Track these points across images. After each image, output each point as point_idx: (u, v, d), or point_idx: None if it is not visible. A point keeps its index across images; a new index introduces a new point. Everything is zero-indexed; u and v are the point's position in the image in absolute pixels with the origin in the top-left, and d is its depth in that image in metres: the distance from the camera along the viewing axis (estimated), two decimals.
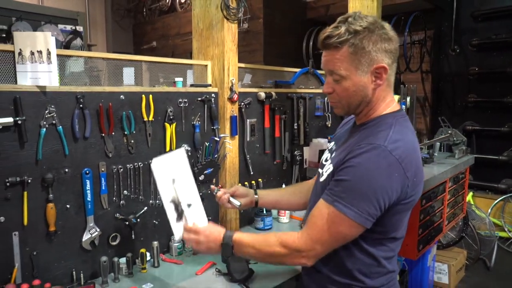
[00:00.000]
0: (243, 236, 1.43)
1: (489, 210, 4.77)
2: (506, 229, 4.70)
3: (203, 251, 1.48)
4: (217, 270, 1.83)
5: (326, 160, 1.48)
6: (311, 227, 1.30)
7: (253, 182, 2.50)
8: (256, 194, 1.77)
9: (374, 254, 1.33)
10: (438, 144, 3.41)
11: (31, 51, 1.50)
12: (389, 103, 1.35)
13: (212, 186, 1.77)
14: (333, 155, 1.43)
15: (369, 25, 1.24)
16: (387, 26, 1.28)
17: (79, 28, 3.94)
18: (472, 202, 4.82)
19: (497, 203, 4.79)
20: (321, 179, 1.42)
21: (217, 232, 1.46)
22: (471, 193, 4.94)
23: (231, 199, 1.72)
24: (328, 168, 1.39)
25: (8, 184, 1.47)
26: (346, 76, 1.27)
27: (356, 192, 1.21)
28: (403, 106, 3.44)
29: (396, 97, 3.78)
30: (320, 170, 1.50)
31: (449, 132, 3.25)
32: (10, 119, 1.45)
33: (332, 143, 1.56)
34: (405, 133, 1.29)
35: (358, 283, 1.35)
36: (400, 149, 1.21)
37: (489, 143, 5.14)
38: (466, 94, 5.35)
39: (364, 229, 1.25)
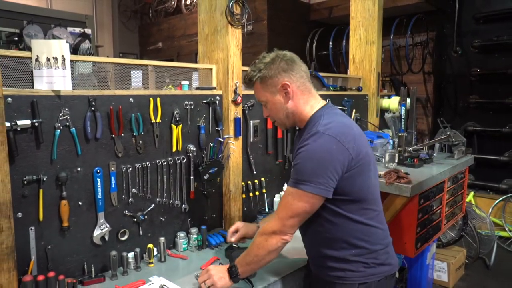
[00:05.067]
0: (239, 257, 1.68)
1: (490, 210, 4.82)
2: (506, 229, 4.76)
3: (216, 281, 1.65)
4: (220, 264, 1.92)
5: None
6: (278, 209, 1.59)
7: (256, 181, 2.59)
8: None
9: (363, 221, 1.58)
10: (437, 144, 3.47)
11: (47, 57, 1.59)
12: (314, 105, 1.65)
13: (231, 239, 1.98)
14: None
15: (270, 60, 1.62)
16: (285, 53, 1.65)
17: (88, 31, 4.04)
18: (473, 202, 4.87)
19: (497, 203, 4.83)
20: None
21: (222, 267, 1.70)
22: (472, 193, 5.00)
23: None
24: None
25: (25, 182, 1.58)
26: (266, 100, 1.66)
27: (306, 169, 1.48)
28: (403, 108, 3.51)
29: (397, 98, 3.85)
30: None
31: (448, 133, 3.31)
32: (28, 121, 1.54)
33: None
34: (334, 117, 1.59)
35: (361, 250, 1.58)
36: (331, 128, 1.50)
37: (491, 144, 5.18)
38: (468, 95, 5.39)
39: (323, 199, 1.51)
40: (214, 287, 1.64)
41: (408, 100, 3.59)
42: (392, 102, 3.89)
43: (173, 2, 7.86)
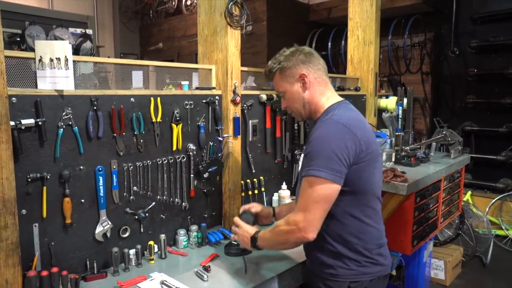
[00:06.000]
0: (265, 231, 1.75)
1: (487, 209, 4.87)
2: (503, 227, 4.80)
3: (240, 240, 1.85)
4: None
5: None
6: (299, 201, 1.58)
7: (255, 179, 2.63)
8: (274, 212, 2.08)
9: (360, 218, 1.63)
10: (434, 144, 3.51)
11: (50, 58, 1.63)
12: (330, 97, 1.73)
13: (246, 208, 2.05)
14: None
15: (289, 53, 1.72)
16: (304, 47, 1.76)
17: (89, 31, 4.07)
18: (470, 201, 4.92)
19: (494, 202, 4.88)
20: (299, 169, 1.75)
21: (251, 229, 1.81)
22: (469, 192, 5.05)
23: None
24: (300, 159, 1.73)
25: (29, 179, 1.61)
26: (285, 91, 1.76)
27: (320, 156, 1.51)
28: (400, 108, 3.55)
29: (394, 98, 3.89)
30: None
31: (444, 132, 3.36)
32: (31, 121, 1.58)
33: None
34: (349, 111, 1.67)
35: (354, 247, 1.63)
36: (344, 119, 1.57)
37: (488, 143, 5.23)
38: (465, 95, 5.45)
39: (339, 187, 1.52)
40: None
41: (405, 100, 3.63)
42: (390, 102, 3.93)
43: (173, 3, 7.90)
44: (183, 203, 2.22)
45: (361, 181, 1.59)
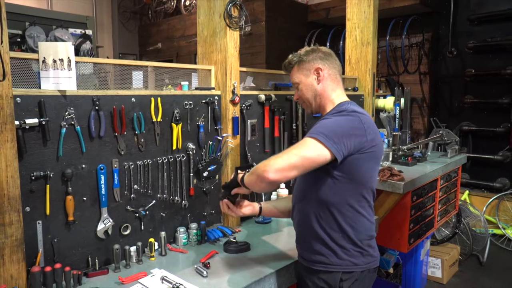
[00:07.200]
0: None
1: (484, 208, 4.91)
2: (500, 226, 4.84)
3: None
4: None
5: None
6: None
7: None
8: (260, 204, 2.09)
9: (355, 207, 1.69)
10: (431, 143, 3.55)
11: (53, 59, 1.67)
12: (340, 95, 1.85)
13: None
14: None
15: (310, 50, 1.85)
16: (325, 47, 1.88)
17: (89, 32, 4.09)
18: (468, 200, 4.96)
19: (492, 201, 4.92)
20: None
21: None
22: (467, 192, 5.08)
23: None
24: None
25: (33, 178, 1.65)
26: (299, 81, 1.86)
27: (326, 128, 1.60)
28: (397, 108, 3.59)
29: (392, 98, 3.93)
30: None
31: (440, 132, 3.39)
32: (35, 120, 1.62)
33: None
34: (359, 109, 1.75)
35: (347, 234, 1.69)
36: (355, 111, 1.69)
37: (485, 143, 5.27)
38: (463, 95, 5.48)
39: (328, 157, 1.55)
40: None
41: (402, 100, 3.67)
42: (387, 102, 3.97)
43: (172, 3, 7.94)
44: (183, 202, 2.25)
45: (361, 172, 1.67)
